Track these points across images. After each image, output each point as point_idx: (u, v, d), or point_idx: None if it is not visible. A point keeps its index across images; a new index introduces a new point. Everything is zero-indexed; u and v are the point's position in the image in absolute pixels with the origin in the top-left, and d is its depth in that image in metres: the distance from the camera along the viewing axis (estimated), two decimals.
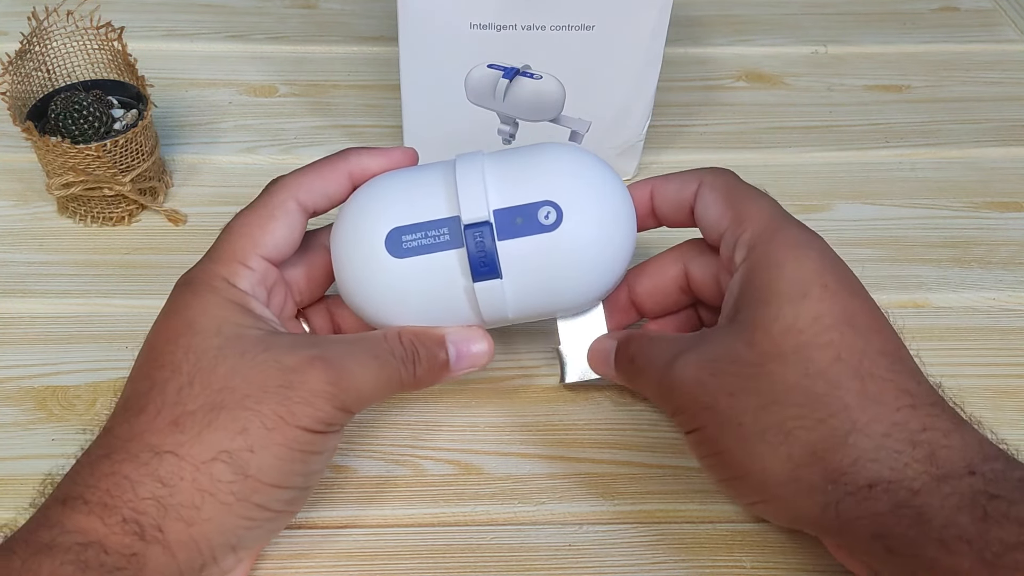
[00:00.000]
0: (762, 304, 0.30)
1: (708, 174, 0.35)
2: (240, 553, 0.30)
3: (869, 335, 0.29)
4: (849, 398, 0.28)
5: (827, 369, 0.28)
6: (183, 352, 0.30)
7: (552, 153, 0.34)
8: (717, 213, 0.34)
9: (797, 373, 0.29)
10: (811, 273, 0.30)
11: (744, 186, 0.34)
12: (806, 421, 0.28)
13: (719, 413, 0.30)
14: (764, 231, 0.32)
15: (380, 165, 0.35)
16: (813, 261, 0.31)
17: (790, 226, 0.32)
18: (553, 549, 0.35)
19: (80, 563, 0.26)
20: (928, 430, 0.27)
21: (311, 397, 0.29)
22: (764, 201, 0.33)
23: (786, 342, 0.29)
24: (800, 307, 0.29)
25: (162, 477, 0.28)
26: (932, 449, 0.27)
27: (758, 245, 0.32)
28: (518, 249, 0.33)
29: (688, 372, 0.31)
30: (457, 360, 0.34)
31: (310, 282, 0.36)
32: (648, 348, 0.34)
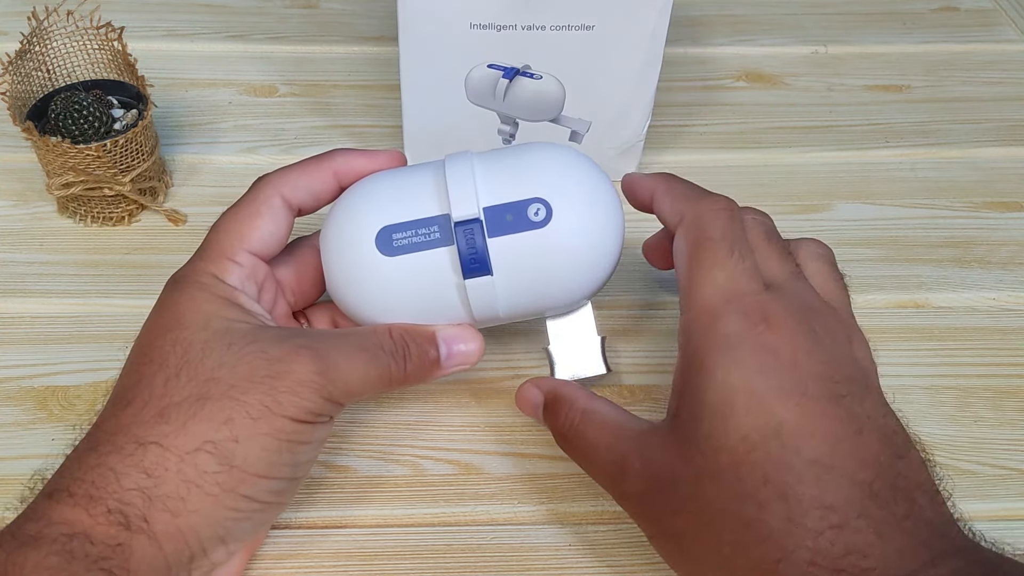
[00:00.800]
0: (695, 418, 0.29)
1: (682, 227, 0.33)
2: (231, 545, 0.30)
3: (797, 444, 0.28)
4: (776, 524, 0.27)
5: (755, 493, 0.28)
6: (171, 346, 0.30)
7: (541, 152, 0.35)
8: (679, 265, 0.33)
9: (729, 495, 0.28)
10: (738, 383, 0.29)
11: (707, 247, 0.32)
12: (740, 546, 0.28)
13: (666, 529, 0.30)
14: (700, 319, 0.31)
15: (366, 166, 0.36)
16: (741, 367, 0.29)
17: (726, 317, 0.30)
18: (553, 549, 0.35)
19: (66, 554, 0.26)
20: (851, 553, 0.26)
21: (297, 386, 0.29)
22: (714, 274, 0.31)
23: (718, 461, 0.29)
24: (728, 424, 0.28)
25: (147, 468, 0.28)
26: (854, 574, 0.26)
27: (692, 338, 0.31)
28: (508, 246, 0.33)
29: (637, 485, 0.31)
30: (448, 358, 0.34)
31: (301, 281, 0.36)
32: (590, 432, 0.33)
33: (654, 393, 0.40)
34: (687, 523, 0.29)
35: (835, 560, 0.26)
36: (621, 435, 0.32)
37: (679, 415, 0.31)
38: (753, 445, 0.28)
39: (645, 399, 0.40)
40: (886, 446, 0.28)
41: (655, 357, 0.41)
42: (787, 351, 0.29)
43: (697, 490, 0.29)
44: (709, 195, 0.34)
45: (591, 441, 0.33)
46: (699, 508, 0.29)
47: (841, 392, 0.29)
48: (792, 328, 0.30)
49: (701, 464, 0.29)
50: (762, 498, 0.27)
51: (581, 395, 0.34)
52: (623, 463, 0.31)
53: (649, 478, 0.30)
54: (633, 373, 0.41)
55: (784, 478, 0.27)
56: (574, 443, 0.33)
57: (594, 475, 0.33)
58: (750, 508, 0.28)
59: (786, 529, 0.27)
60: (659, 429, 0.31)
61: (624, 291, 0.44)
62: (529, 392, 0.36)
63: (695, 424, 0.29)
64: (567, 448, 0.34)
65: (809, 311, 0.31)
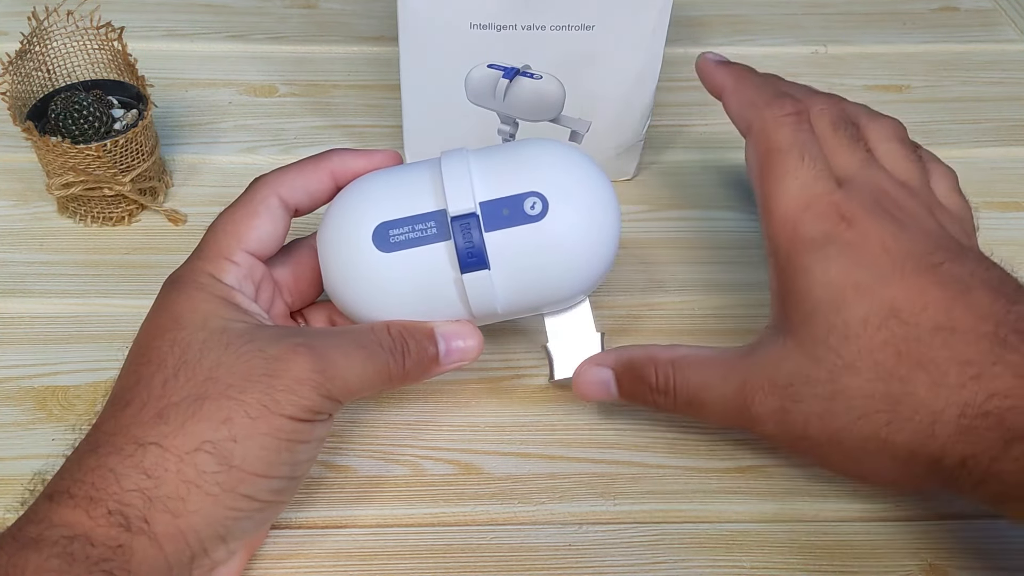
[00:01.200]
0: (809, 316, 0.31)
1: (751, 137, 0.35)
2: (231, 544, 0.30)
3: (916, 317, 0.30)
4: (922, 391, 0.29)
5: (895, 368, 0.29)
6: (169, 346, 0.30)
7: (536, 146, 0.35)
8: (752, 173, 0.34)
9: (871, 379, 0.29)
10: (838, 276, 0.31)
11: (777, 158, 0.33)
12: (895, 425, 0.29)
13: (815, 437, 0.31)
14: (783, 229, 0.32)
15: (362, 166, 0.36)
16: (837, 263, 0.31)
17: (807, 223, 0.32)
18: (553, 549, 0.35)
19: (66, 556, 0.26)
20: (993, 396, 0.28)
21: (295, 385, 0.29)
22: (787, 184, 0.33)
23: (848, 351, 0.30)
24: (844, 314, 0.30)
25: (146, 469, 0.28)
26: (1000, 415, 0.28)
27: (781, 246, 0.32)
28: (505, 240, 0.33)
29: (769, 404, 0.31)
30: (446, 354, 0.34)
31: (298, 281, 0.36)
32: (693, 377, 0.33)
33: None
34: (837, 423, 0.30)
35: (980, 406, 0.28)
36: (729, 364, 0.32)
37: (789, 320, 0.31)
38: (876, 327, 0.30)
39: None
40: (997, 296, 0.30)
41: None
42: (874, 241, 0.31)
43: (838, 386, 0.30)
44: (776, 100, 0.35)
45: (698, 384, 0.33)
46: (846, 403, 0.30)
47: (936, 261, 0.31)
48: (871, 219, 0.31)
49: (832, 359, 0.30)
50: (903, 373, 0.29)
51: (656, 349, 0.34)
52: (746, 388, 0.31)
53: (780, 391, 0.31)
54: None
55: (916, 349, 0.29)
56: (680, 394, 0.33)
57: (714, 416, 0.33)
58: (895, 385, 0.29)
59: (932, 393, 0.29)
60: (770, 342, 0.32)
61: (622, 291, 0.44)
62: (592, 373, 0.35)
63: (810, 323, 0.30)
64: (672, 404, 0.34)
65: (884, 197, 0.32)
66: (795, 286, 0.31)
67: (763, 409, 0.31)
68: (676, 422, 0.39)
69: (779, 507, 0.36)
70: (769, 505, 0.36)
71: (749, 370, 0.32)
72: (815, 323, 0.30)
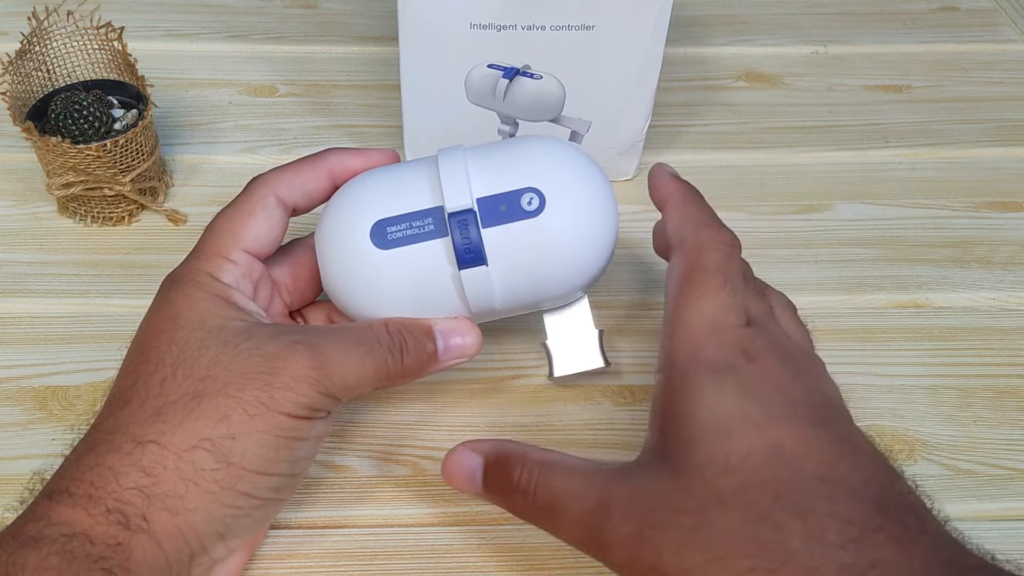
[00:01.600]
0: (689, 443, 0.28)
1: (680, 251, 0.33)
2: (231, 542, 0.30)
3: (800, 463, 0.27)
4: (796, 543, 0.26)
5: (769, 512, 0.27)
6: (167, 345, 0.30)
7: (533, 143, 0.35)
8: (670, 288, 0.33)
9: (741, 519, 0.27)
10: (730, 405, 0.28)
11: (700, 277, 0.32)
12: (759, 573, 0.26)
13: (666, 572, 0.28)
14: (684, 346, 0.30)
15: (360, 164, 0.36)
16: (731, 390, 0.29)
17: (710, 347, 0.30)
18: (553, 549, 0.35)
19: (66, 554, 0.26)
20: (875, 567, 0.26)
21: (293, 382, 0.29)
22: (704, 304, 0.31)
23: (723, 485, 0.27)
24: (727, 445, 0.28)
25: (145, 467, 0.28)
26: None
27: (678, 361, 0.30)
28: (503, 236, 0.33)
29: (626, 526, 0.28)
30: (445, 351, 0.34)
31: (297, 280, 0.36)
32: (557, 481, 0.30)
33: None
34: (694, 559, 0.27)
35: (861, 573, 0.26)
36: (596, 477, 0.30)
37: (667, 444, 0.29)
38: (757, 464, 0.27)
39: (645, 398, 0.40)
40: (881, 466, 0.28)
41: (653, 357, 0.41)
42: (771, 381, 0.29)
43: (704, 520, 0.27)
44: (714, 226, 0.33)
45: (559, 489, 0.30)
46: (709, 539, 0.27)
47: (827, 416, 0.29)
48: (772, 361, 0.30)
49: (704, 491, 0.28)
50: (777, 518, 0.27)
51: (531, 449, 0.32)
52: (604, 506, 0.29)
53: (641, 515, 0.28)
54: (633, 373, 0.41)
55: (796, 495, 0.27)
56: (538, 499, 0.31)
57: (566, 531, 0.30)
58: (766, 530, 0.27)
59: (807, 547, 0.26)
60: (643, 464, 0.30)
61: (622, 291, 0.44)
62: (462, 456, 0.33)
63: (690, 450, 0.28)
64: (526, 509, 0.31)
65: (784, 347, 0.31)
66: (682, 408, 0.29)
67: (617, 532, 0.28)
68: None
69: None
70: None
71: (613, 487, 0.29)
72: (695, 451, 0.28)
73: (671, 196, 0.35)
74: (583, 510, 0.30)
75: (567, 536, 0.31)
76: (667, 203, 0.35)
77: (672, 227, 0.34)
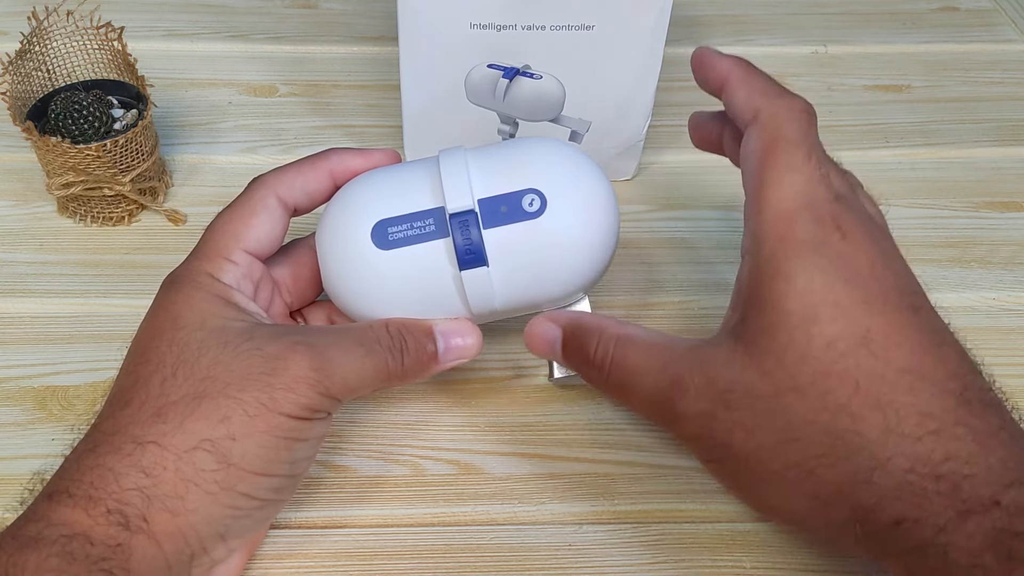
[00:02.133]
0: (771, 327, 0.28)
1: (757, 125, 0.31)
2: (231, 543, 0.30)
3: (887, 352, 0.27)
4: (871, 433, 0.27)
5: (847, 402, 0.27)
6: (167, 346, 0.30)
7: (534, 144, 0.35)
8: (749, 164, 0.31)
9: (816, 407, 0.27)
10: (821, 289, 0.28)
11: (784, 148, 0.30)
12: (829, 459, 0.27)
13: (735, 450, 0.28)
14: (775, 224, 0.29)
15: (361, 165, 0.36)
16: (823, 273, 0.28)
17: (803, 222, 0.29)
18: (553, 549, 0.35)
19: (66, 555, 0.26)
20: (951, 459, 0.26)
21: (293, 383, 0.29)
22: (791, 177, 0.30)
23: (801, 372, 0.27)
24: (812, 332, 0.28)
25: (145, 467, 0.28)
26: (955, 481, 0.26)
27: (767, 243, 0.29)
28: (503, 237, 0.33)
29: (699, 404, 0.29)
30: (445, 352, 0.34)
31: (297, 281, 0.36)
32: (631, 357, 0.31)
33: None
34: (764, 440, 0.28)
35: (935, 466, 0.26)
36: (671, 354, 0.30)
37: (747, 326, 0.29)
38: (840, 354, 0.27)
39: None
40: (964, 360, 0.28)
41: None
42: (865, 261, 0.29)
43: (779, 404, 0.27)
44: (788, 93, 0.32)
45: (634, 366, 0.31)
46: (782, 423, 0.27)
47: (917, 304, 0.29)
48: (867, 240, 0.29)
49: (782, 376, 0.28)
50: (855, 408, 0.27)
51: (610, 322, 0.32)
52: (679, 382, 0.29)
53: (714, 395, 0.29)
54: None
55: (877, 386, 0.27)
56: (612, 373, 0.31)
57: (639, 404, 0.31)
58: (843, 419, 0.27)
59: (882, 438, 0.26)
60: (720, 343, 0.30)
61: (622, 291, 0.44)
62: (542, 327, 0.34)
63: (771, 334, 0.28)
64: (602, 380, 0.32)
65: (874, 225, 0.31)
66: (769, 291, 0.29)
67: (691, 409, 0.29)
68: None
69: None
70: None
71: (689, 365, 0.29)
72: (776, 335, 0.28)
73: (732, 71, 0.33)
74: (656, 388, 0.30)
75: (640, 410, 0.31)
76: (729, 78, 0.33)
77: (742, 100, 0.32)
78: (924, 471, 0.26)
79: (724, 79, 0.33)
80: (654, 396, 0.30)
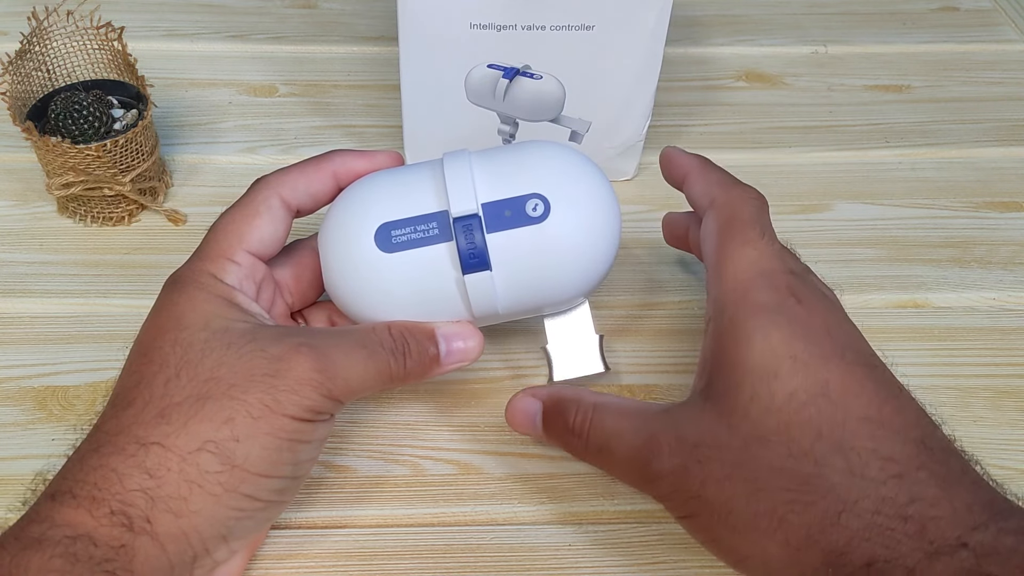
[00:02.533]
0: (735, 385, 0.30)
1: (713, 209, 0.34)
2: (233, 544, 0.30)
3: (846, 402, 0.29)
4: (835, 477, 0.27)
5: (810, 449, 0.28)
6: (171, 346, 0.30)
7: (538, 149, 0.35)
8: (708, 243, 0.34)
9: (781, 455, 0.28)
10: (779, 346, 0.29)
11: (738, 226, 0.33)
12: (797, 505, 0.28)
13: (708, 502, 0.29)
14: (734, 291, 0.31)
15: (364, 166, 0.36)
16: (780, 331, 0.30)
17: (759, 289, 0.31)
18: (553, 549, 0.35)
19: (69, 556, 0.26)
20: (916, 501, 0.27)
21: (297, 385, 0.29)
22: (746, 251, 0.32)
23: (765, 423, 0.29)
24: (773, 385, 0.29)
25: (149, 469, 0.28)
26: (922, 523, 0.26)
27: (727, 308, 0.31)
28: (507, 241, 0.33)
29: (672, 460, 0.30)
30: (447, 354, 0.34)
31: (299, 282, 0.36)
32: (608, 422, 0.32)
33: (654, 392, 0.40)
34: (735, 491, 0.29)
35: (901, 508, 0.27)
36: (644, 416, 0.32)
37: (713, 387, 0.31)
38: (802, 403, 0.29)
39: (645, 398, 0.40)
40: (922, 413, 0.29)
41: (654, 356, 0.41)
42: (820, 323, 0.30)
43: (747, 455, 0.29)
44: (742, 184, 0.35)
45: (612, 429, 0.32)
46: (751, 473, 0.28)
47: (873, 363, 0.30)
48: (820, 305, 0.31)
49: (747, 429, 0.29)
50: (818, 454, 0.28)
51: (586, 393, 0.34)
52: (653, 441, 0.31)
53: (686, 451, 0.30)
54: (632, 373, 0.41)
55: (839, 433, 0.28)
56: (592, 438, 0.33)
57: (618, 468, 0.32)
58: (807, 465, 0.28)
59: (847, 481, 0.27)
60: (690, 405, 0.31)
61: (622, 291, 0.44)
62: (523, 403, 0.35)
63: (736, 391, 0.30)
64: (582, 447, 0.33)
65: (828, 297, 0.33)
66: (732, 352, 0.30)
67: (664, 466, 0.30)
68: None
69: None
70: None
71: (663, 424, 0.31)
72: (740, 391, 0.29)
73: (691, 167, 0.37)
74: (632, 448, 0.31)
75: (618, 473, 0.33)
76: (689, 173, 0.36)
77: (700, 191, 0.36)
78: (891, 512, 0.27)
79: (685, 173, 0.37)
80: (630, 456, 0.31)
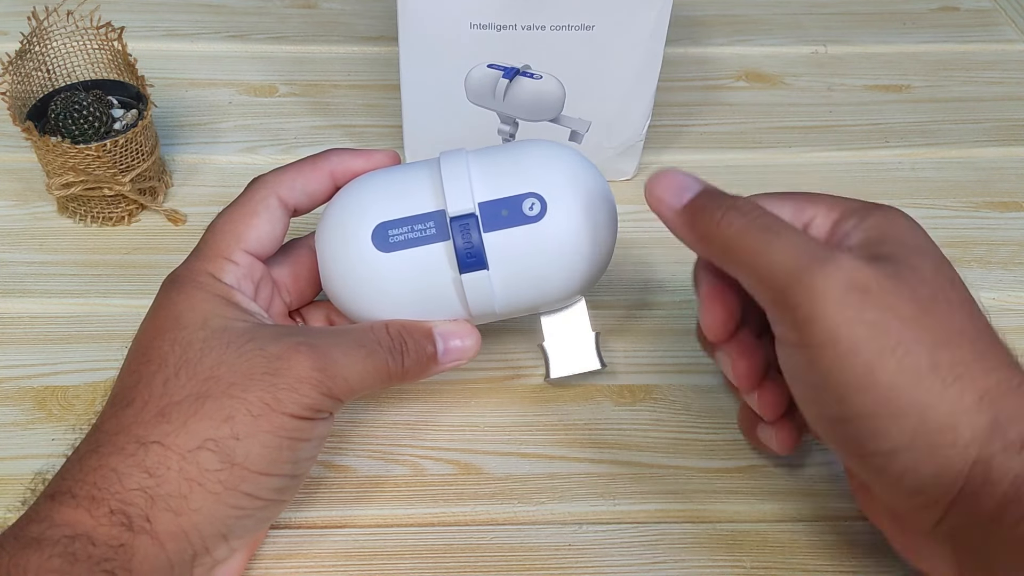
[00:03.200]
0: (905, 257, 0.28)
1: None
2: (233, 543, 0.30)
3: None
4: (1006, 357, 0.28)
5: (988, 325, 0.29)
6: (170, 346, 0.30)
7: (535, 148, 0.35)
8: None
9: (965, 318, 0.28)
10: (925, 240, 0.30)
11: None
12: (977, 368, 0.27)
13: (884, 333, 0.27)
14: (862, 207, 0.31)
15: (362, 166, 0.36)
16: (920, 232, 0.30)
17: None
18: (553, 549, 0.35)
19: (68, 555, 0.26)
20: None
21: (296, 383, 0.29)
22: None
23: (948, 289, 0.28)
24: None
25: (149, 468, 0.28)
26: None
27: (872, 214, 0.30)
28: (504, 240, 0.33)
29: (860, 276, 0.27)
30: (444, 353, 0.34)
31: (297, 281, 0.36)
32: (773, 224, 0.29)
33: (653, 392, 0.40)
34: (920, 335, 0.27)
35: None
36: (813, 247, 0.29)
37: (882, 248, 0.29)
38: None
39: (645, 398, 0.40)
40: None
41: (652, 356, 0.41)
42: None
43: (933, 308, 0.28)
44: None
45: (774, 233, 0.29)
46: (935, 325, 0.27)
47: None
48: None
49: (930, 290, 0.28)
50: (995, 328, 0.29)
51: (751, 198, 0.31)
52: (827, 258, 0.28)
53: (879, 278, 0.28)
54: (630, 372, 0.41)
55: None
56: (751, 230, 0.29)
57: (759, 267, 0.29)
58: (990, 333, 0.29)
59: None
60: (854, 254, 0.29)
61: (621, 291, 0.44)
62: (679, 175, 0.32)
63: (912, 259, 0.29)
64: (731, 234, 0.30)
65: None
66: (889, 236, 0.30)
67: (849, 276, 0.27)
68: (676, 422, 0.39)
69: (779, 507, 0.36)
70: (769, 505, 0.36)
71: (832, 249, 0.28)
72: (917, 261, 0.29)
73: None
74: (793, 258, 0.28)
75: (740, 264, 0.30)
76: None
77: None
78: None
79: None
80: (789, 264, 0.28)
